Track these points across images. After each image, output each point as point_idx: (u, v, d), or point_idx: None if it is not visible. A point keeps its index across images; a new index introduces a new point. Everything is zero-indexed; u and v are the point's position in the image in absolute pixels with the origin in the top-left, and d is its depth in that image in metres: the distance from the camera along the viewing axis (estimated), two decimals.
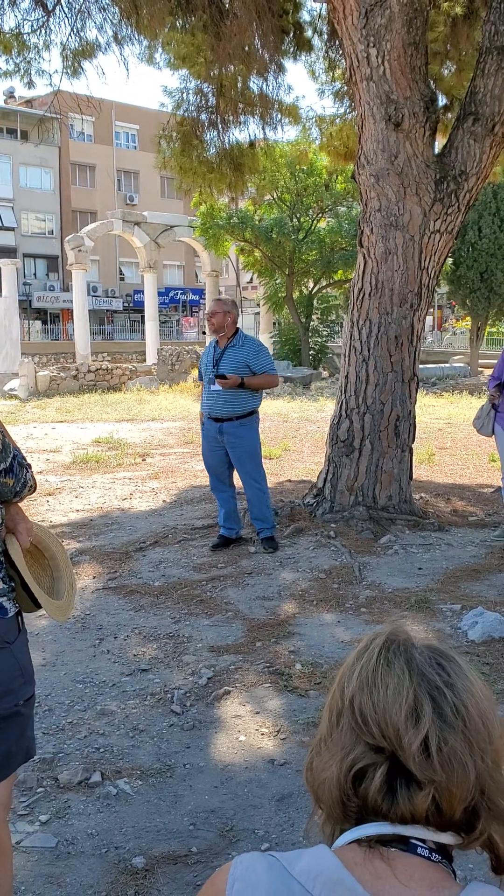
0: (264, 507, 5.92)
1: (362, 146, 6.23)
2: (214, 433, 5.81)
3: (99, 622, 4.56)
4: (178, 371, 22.02)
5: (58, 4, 8.17)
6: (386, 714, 0.86)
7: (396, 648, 0.91)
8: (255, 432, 5.89)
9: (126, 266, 47.61)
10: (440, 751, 0.83)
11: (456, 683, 0.88)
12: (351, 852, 0.85)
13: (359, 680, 0.91)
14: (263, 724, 3.39)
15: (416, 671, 0.88)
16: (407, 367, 6.39)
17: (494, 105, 5.93)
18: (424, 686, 0.87)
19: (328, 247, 22.20)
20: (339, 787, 0.87)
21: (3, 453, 1.89)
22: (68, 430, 12.90)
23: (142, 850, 2.58)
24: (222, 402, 5.69)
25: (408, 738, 0.84)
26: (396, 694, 0.87)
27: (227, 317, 5.70)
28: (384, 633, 0.95)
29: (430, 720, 0.84)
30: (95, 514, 7.11)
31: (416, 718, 0.85)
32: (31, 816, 2.76)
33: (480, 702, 0.88)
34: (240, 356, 5.68)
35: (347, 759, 0.87)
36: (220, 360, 5.68)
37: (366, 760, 0.86)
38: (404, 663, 0.89)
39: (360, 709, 0.88)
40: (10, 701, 1.93)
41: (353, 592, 5.02)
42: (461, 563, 5.63)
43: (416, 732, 0.84)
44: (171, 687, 3.72)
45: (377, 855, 0.84)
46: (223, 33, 7.66)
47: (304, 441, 11.42)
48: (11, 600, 1.96)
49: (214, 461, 5.92)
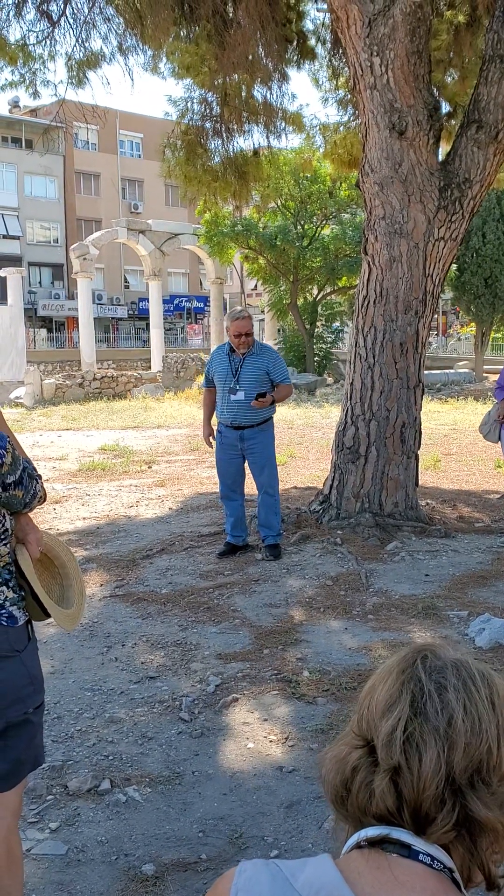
0: (274, 515, 5.95)
1: (366, 154, 6.25)
2: (234, 441, 5.82)
3: (107, 630, 4.57)
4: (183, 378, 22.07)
5: (63, 15, 8.22)
6: (373, 710, 0.91)
7: (408, 658, 0.94)
8: (272, 438, 5.96)
9: (131, 274, 47.74)
10: (402, 736, 0.86)
11: (449, 688, 0.88)
12: (354, 861, 0.85)
13: (368, 686, 0.95)
14: (272, 732, 3.39)
15: (409, 674, 0.91)
16: (412, 374, 6.41)
17: (498, 112, 5.96)
18: (410, 685, 0.89)
19: (332, 254, 22.25)
20: (332, 778, 0.91)
21: (13, 466, 1.90)
22: (74, 438, 12.93)
23: (151, 858, 2.58)
24: (244, 411, 5.72)
25: (380, 725, 0.88)
26: (382, 692, 0.91)
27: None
28: (412, 646, 0.98)
29: (403, 711, 0.87)
30: (102, 521, 7.13)
31: (391, 709, 0.88)
32: (41, 824, 2.77)
33: (482, 712, 0.87)
34: (260, 364, 5.72)
35: (341, 751, 0.92)
36: (241, 369, 5.70)
37: (352, 752, 0.90)
38: (403, 668, 0.92)
39: (360, 710, 0.93)
40: (20, 709, 1.95)
41: (360, 599, 5.03)
42: (468, 569, 5.63)
43: (384, 720, 0.88)
44: (180, 694, 3.73)
45: (378, 861, 0.84)
46: (227, 43, 7.71)
47: (309, 448, 11.43)
48: (21, 609, 1.98)
49: (232, 469, 5.93)
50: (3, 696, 1.91)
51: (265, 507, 5.94)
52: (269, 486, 5.92)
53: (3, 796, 1.99)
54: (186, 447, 11.71)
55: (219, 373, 5.81)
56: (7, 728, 1.94)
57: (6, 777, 1.98)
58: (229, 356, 5.78)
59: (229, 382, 5.71)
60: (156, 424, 14.83)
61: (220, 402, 5.83)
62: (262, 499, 5.95)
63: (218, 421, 5.94)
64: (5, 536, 1.96)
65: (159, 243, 26.41)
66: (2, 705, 1.91)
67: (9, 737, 1.95)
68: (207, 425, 6.11)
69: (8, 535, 1.97)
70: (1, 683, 1.91)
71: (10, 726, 1.94)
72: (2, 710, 1.92)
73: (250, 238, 22.23)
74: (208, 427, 6.10)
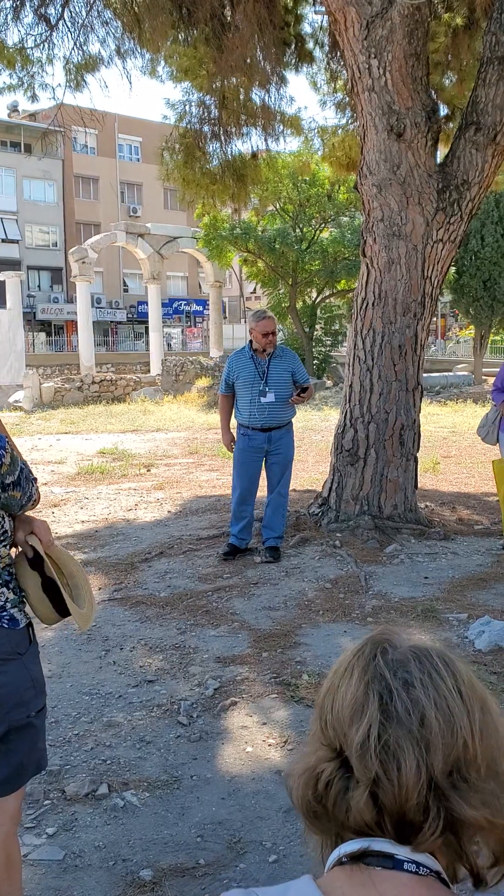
0: (280, 516, 5.97)
1: (364, 156, 6.25)
2: (262, 443, 5.85)
3: (105, 633, 4.55)
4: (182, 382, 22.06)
5: (61, 19, 8.23)
6: (339, 716, 0.86)
7: (366, 652, 0.90)
8: (294, 439, 6.09)
9: (129, 277, 47.77)
10: (377, 745, 0.81)
11: (416, 683, 0.84)
12: (337, 879, 0.82)
13: (327, 685, 0.91)
14: (270, 735, 3.38)
15: (372, 672, 0.86)
16: (411, 377, 6.40)
17: (496, 114, 5.96)
18: (376, 686, 0.85)
19: (331, 257, 22.25)
20: (303, 793, 0.86)
21: (11, 467, 1.90)
22: (73, 442, 12.92)
23: (149, 863, 2.57)
24: (274, 412, 5.79)
25: (350, 734, 0.83)
26: (347, 695, 0.86)
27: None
28: (366, 637, 0.93)
29: (373, 716, 0.82)
30: (101, 525, 7.11)
31: (360, 715, 0.84)
32: (39, 829, 2.75)
33: (453, 705, 0.83)
34: (286, 366, 5.83)
35: (310, 763, 0.87)
36: (269, 371, 5.74)
37: (323, 765, 0.85)
38: (364, 665, 0.88)
39: (322, 714, 0.89)
40: (23, 712, 1.93)
41: (359, 602, 5.01)
42: (467, 571, 5.61)
43: (356, 728, 0.83)
44: (178, 698, 3.71)
45: (362, 878, 0.80)
46: (225, 46, 7.71)
47: (308, 450, 11.42)
48: (23, 611, 1.97)
49: (253, 471, 5.96)
50: (5, 700, 1.90)
51: (275, 506, 5.97)
52: (283, 487, 5.99)
53: (2, 801, 1.98)
54: (185, 450, 11.70)
55: (244, 377, 5.79)
56: (9, 732, 1.92)
57: (8, 781, 1.96)
58: (254, 359, 5.78)
59: (258, 385, 5.72)
60: (155, 428, 14.82)
61: (245, 405, 5.81)
62: (274, 498, 5.98)
63: (240, 424, 5.93)
64: (5, 538, 1.95)
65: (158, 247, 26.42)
66: (4, 709, 1.90)
67: (11, 741, 1.93)
68: (227, 431, 6.10)
69: (8, 537, 1.96)
70: (3, 687, 1.90)
71: (12, 730, 1.92)
72: (4, 713, 1.90)
73: (249, 241, 22.24)
74: (228, 433, 6.09)
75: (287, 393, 5.82)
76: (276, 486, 5.97)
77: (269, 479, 6.02)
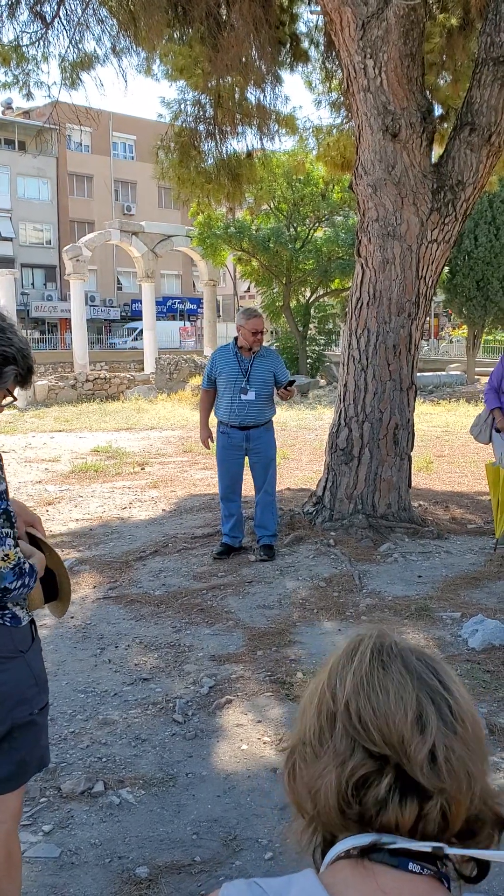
0: (271, 514, 5.98)
1: (359, 156, 6.26)
2: (240, 441, 5.85)
3: (100, 632, 4.56)
4: (176, 380, 22.04)
5: (56, 17, 8.21)
6: (388, 720, 0.82)
7: (390, 651, 0.88)
8: (274, 438, 6.06)
9: (124, 276, 47.70)
10: (448, 760, 0.80)
11: (451, 688, 0.85)
12: (340, 872, 0.82)
13: (353, 682, 0.86)
14: (265, 733, 3.39)
15: (415, 675, 0.85)
16: (405, 376, 6.42)
17: (491, 115, 5.97)
18: (426, 690, 0.84)
19: (325, 256, 22.26)
20: (339, 796, 0.83)
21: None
22: (67, 440, 12.91)
23: (145, 860, 2.58)
24: (253, 411, 5.79)
25: (414, 745, 0.80)
26: (398, 699, 0.83)
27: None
28: (371, 634, 0.91)
29: (437, 727, 0.81)
30: (95, 523, 7.11)
31: (422, 726, 0.81)
32: (35, 826, 2.76)
33: (471, 706, 0.85)
34: (268, 366, 5.84)
35: (347, 766, 0.83)
36: (251, 370, 5.76)
37: (366, 768, 0.82)
38: (402, 666, 0.86)
39: (357, 713, 0.84)
40: (25, 710, 1.94)
41: (353, 600, 5.03)
42: (460, 570, 5.64)
43: (422, 740, 0.80)
44: (173, 696, 3.73)
45: (364, 871, 0.81)
46: (220, 45, 7.71)
47: (302, 449, 11.43)
48: (24, 609, 1.97)
49: (234, 469, 5.96)
50: (8, 698, 1.90)
51: (263, 506, 5.97)
52: (269, 486, 5.97)
53: (4, 799, 1.98)
54: (179, 449, 11.70)
55: (226, 373, 5.80)
56: (12, 729, 1.93)
57: (11, 779, 1.97)
58: (237, 357, 5.79)
59: (240, 383, 5.74)
60: (149, 426, 14.82)
61: (225, 402, 5.82)
62: (262, 498, 5.98)
63: (220, 422, 5.93)
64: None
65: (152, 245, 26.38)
66: (7, 706, 1.90)
67: (14, 738, 1.94)
68: (206, 427, 6.10)
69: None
70: (5, 685, 1.90)
71: (14, 728, 1.93)
72: (7, 711, 1.90)
73: (243, 240, 22.22)
74: (207, 429, 6.08)
75: (268, 392, 5.84)
76: (263, 486, 5.97)
77: (255, 480, 6.01)
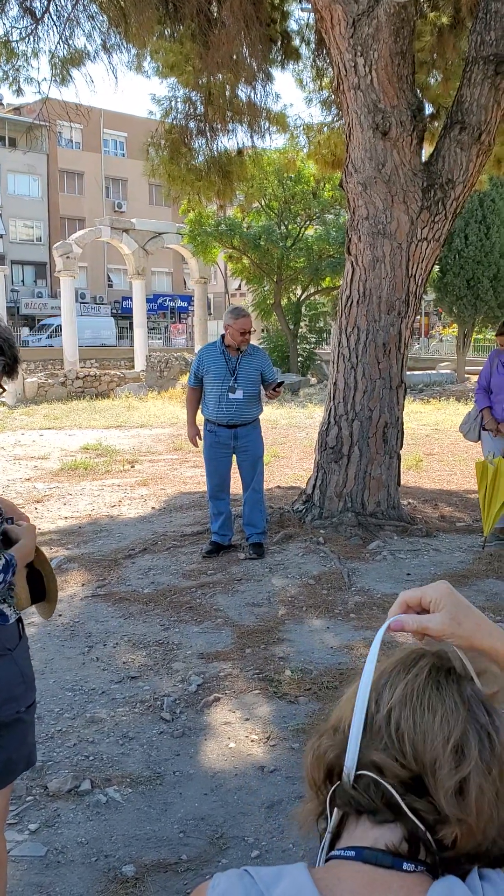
0: (259, 512, 5.97)
1: (350, 154, 6.26)
2: (227, 439, 5.84)
3: (88, 630, 4.55)
4: (166, 378, 22.01)
5: (46, 12, 8.17)
6: (427, 738, 0.82)
7: (448, 674, 0.87)
8: (261, 436, 6.06)
9: (114, 273, 47.57)
10: (477, 796, 0.79)
11: (501, 728, 0.84)
12: (334, 869, 0.82)
13: (403, 693, 0.86)
14: (253, 731, 3.39)
15: (468, 705, 0.84)
16: (395, 374, 6.42)
17: (481, 114, 5.98)
18: (474, 723, 0.82)
19: (316, 254, 22.28)
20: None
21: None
22: (56, 437, 12.86)
23: (132, 859, 2.57)
24: (241, 409, 5.79)
25: (446, 771, 0.80)
26: (444, 722, 0.82)
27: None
28: (435, 652, 0.90)
29: (475, 762, 0.80)
30: (84, 521, 7.09)
31: (460, 756, 0.81)
32: (21, 825, 2.75)
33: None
34: (255, 364, 5.84)
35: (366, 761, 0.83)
36: (238, 369, 5.75)
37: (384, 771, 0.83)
38: (457, 693, 0.85)
39: (397, 723, 0.84)
40: (12, 708, 1.93)
41: (342, 598, 5.03)
42: (449, 568, 5.65)
43: (456, 770, 0.80)
44: (161, 694, 3.72)
45: (358, 871, 0.80)
46: (211, 42, 7.69)
47: (292, 447, 11.44)
48: (12, 607, 1.97)
49: (222, 467, 5.95)
50: None
51: (251, 504, 5.96)
52: (257, 483, 5.97)
53: None
54: (170, 446, 11.68)
55: (213, 372, 5.79)
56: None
57: None
58: (224, 355, 5.78)
59: (228, 381, 5.72)
60: (139, 424, 14.79)
61: (212, 401, 5.81)
62: (250, 496, 5.97)
63: (207, 420, 5.92)
64: None
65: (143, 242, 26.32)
66: None
67: (1, 736, 1.93)
68: (193, 425, 6.09)
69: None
70: None
71: (2, 726, 1.92)
72: None
73: (234, 238, 22.22)
74: (194, 426, 6.07)
75: (255, 391, 5.84)
76: (251, 484, 5.96)
77: (242, 478, 6.02)
